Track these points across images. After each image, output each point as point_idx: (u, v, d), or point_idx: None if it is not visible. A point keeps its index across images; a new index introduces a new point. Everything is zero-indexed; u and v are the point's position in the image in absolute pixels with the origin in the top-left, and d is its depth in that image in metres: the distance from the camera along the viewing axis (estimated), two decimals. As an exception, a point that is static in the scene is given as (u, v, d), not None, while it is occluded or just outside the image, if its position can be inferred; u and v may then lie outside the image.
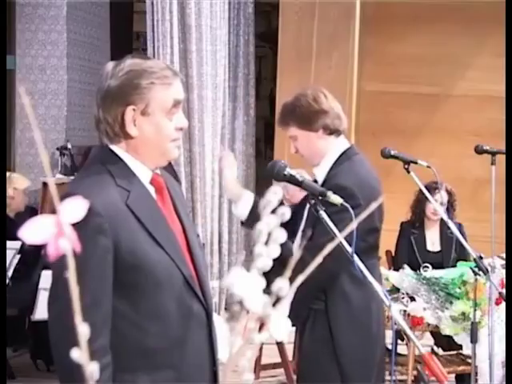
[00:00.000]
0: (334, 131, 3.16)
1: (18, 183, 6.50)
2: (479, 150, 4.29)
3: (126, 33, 10.55)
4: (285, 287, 0.87)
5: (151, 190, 2.16)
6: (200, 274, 2.19)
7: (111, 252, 2.00)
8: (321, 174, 3.18)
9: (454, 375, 5.29)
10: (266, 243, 0.89)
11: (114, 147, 2.14)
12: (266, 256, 0.88)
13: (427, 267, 4.95)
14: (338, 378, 3.04)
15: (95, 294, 1.98)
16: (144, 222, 2.06)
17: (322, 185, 3.09)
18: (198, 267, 2.20)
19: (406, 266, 4.93)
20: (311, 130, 3.15)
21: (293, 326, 3.08)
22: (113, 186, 2.07)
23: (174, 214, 2.22)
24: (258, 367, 5.71)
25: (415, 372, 4.75)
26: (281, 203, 0.89)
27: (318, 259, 0.89)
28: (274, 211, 0.91)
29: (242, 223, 3.20)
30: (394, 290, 4.70)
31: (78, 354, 0.80)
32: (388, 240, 5.77)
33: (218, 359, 2.20)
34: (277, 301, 0.89)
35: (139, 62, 2.14)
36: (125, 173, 2.11)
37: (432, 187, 4.94)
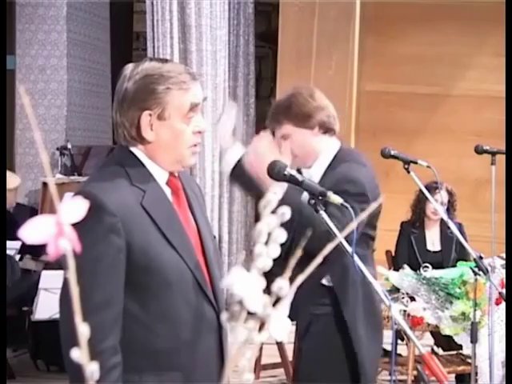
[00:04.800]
0: (328, 130, 3.12)
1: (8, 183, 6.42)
2: (479, 150, 4.28)
3: (126, 33, 10.55)
4: (285, 287, 0.87)
5: (167, 191, 2.15)
6: (213, 277, 2.16)
7: (124, 251, 2.00)
8: (315, 175, 3.11)
9: (454, 375, 5.29)
10: (266, 243, 0.89)
11: (132, 148, 2.13)
12: (265, 256, 0.88)
13: (427, 267, 4.94)
14: (348, 379, 3.03)
15: (107, 293, 1.98)
16: (158, 222, 2.05)
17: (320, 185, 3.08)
18: (211, 270, 2.17)
19: (405, 265, 4.93)
20: (307, 128, 3.08)
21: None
22: (128, 185, 2.06)
23: (189, 216, 2.19)
24: (258, 367, 5.71)
25: (415, 372, 4.75)
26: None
27: (318, 259, 0.89)
28: (274, 211, 0.91)
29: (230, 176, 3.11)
30: (394, 289, 4.69)
31: (79, 354, 0.80)
32: (388, 240, 5.78)
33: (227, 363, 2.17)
34: (277, 301, 0.89)
35: (157, 66, 2.11)
36: (141, 173, 2.10)
37: (432, 187, 4.94)
